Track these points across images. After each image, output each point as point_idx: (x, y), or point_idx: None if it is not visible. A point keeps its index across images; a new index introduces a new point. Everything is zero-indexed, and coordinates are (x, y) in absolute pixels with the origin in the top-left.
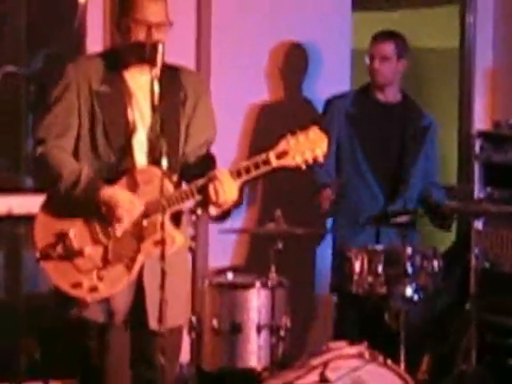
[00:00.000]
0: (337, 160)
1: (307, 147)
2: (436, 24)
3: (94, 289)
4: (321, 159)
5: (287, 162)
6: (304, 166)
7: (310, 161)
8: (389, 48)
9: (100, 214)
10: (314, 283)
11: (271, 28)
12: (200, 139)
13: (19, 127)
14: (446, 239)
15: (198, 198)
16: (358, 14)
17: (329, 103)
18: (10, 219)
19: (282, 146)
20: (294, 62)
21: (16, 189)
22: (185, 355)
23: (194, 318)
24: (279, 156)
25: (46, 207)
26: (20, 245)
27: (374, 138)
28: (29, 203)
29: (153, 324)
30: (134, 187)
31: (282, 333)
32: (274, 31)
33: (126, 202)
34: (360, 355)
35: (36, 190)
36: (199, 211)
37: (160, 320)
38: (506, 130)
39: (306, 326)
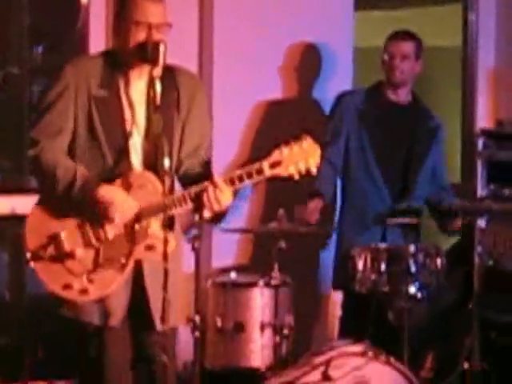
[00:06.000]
0: (345, 157)
1: (301, 157)
2: (439, 22)
3: (84, 291)
4: (314, 170)
5: (280, 171)
6: (297, 176)
7: (303, 171)
8: (409, 47)
9: (93, 216)
10: (318, 281)
11: (274, 27)
12: (193, 143)
13: (21, 128)
14: (450, 237)
15: (191, 204)
16: (361, 12)
17: (339, 99)
18: (14, 219)
19: (275, 155)
20: (297, 61)
21: (19, 189)
22: (188, 354)
23: (197, 317)
24: (272, 165)
25: (39, 207)
26: (24, 245)
27: (384, 138)
28: (32, 203)
29: (158, 325)
30: (127, 190)
31: (286, 332)
32: (276, 30)
33: (120, 202)
34: (363, 353)
35: (39, 191)
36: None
37: (163, 319)
38: (509, 128)
39: (309, 325)
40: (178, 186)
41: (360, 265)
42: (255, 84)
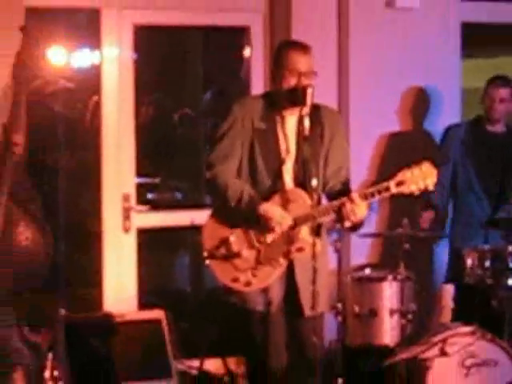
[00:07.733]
0: (452, 177)
1: (420, 178)
2: None
3: (248, 283)
4: (431, 188)
5: (404, 189)
6: (417, 193)
7: (422, 189)
8: (506, 92)
9: (256, 225)
10: (434, 276)
11: (399, 73)
12: (336, 165)
13: (199, 156)
14: None
15: (333, 215)
16: (467, 60)
17: (447, 131)
18: (193, 229)
19: (400, 176)
20: (412, 101)
21: (197, 205)
22: (333, 334)
23: (339, 305)
24: (398, 184)
25: (213, 216)
26: (201, 249)
27: (484, 161)
28: (207, 216)
29: (307, 311)
30: (284, 204)
31: (410, 316)
32: (398, 76)
33: (278, 216)
34: (473, 333)
35: (212, 205)
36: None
37: (313, 307)
38: None
39: (429, 311)
40: (324, 200)
41: (469, 262)
42: (380, 119)
